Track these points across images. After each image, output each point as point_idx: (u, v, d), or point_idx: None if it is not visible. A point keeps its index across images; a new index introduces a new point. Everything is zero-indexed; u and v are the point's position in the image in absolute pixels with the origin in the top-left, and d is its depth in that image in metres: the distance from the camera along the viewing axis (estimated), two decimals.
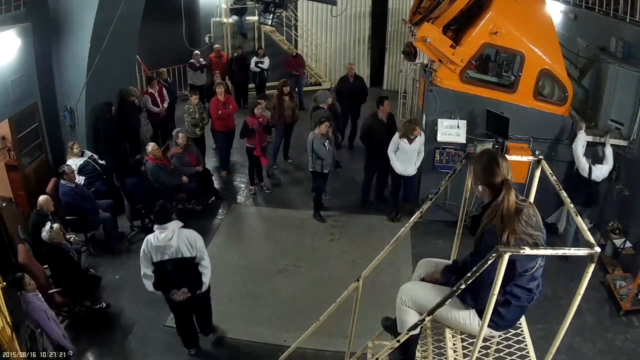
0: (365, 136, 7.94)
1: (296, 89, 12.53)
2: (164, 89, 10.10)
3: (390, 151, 7.36)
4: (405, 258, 6.92)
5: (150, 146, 7.70)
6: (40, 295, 4.92)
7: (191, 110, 8.86)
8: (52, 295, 5.56)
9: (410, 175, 7.47)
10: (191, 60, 11.73)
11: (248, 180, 8.86)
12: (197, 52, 11.75)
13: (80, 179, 7.21)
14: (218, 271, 6.00)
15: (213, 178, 8.94)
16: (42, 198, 6.28)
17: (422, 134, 7.32)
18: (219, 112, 8.80)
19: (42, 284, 5.52)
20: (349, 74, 10.23)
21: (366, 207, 8.33)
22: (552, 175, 2.92)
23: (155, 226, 4.77)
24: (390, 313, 4.26)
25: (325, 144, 7.37)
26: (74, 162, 7.28)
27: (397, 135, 7.29)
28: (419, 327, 2.87)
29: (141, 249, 4.76)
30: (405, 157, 7.30)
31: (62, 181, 6.81)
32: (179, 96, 11.74)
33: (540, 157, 3.11)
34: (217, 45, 12.34)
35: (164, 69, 11.29)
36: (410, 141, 7.18)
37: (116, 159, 8.20)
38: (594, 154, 6.60)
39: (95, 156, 7.78)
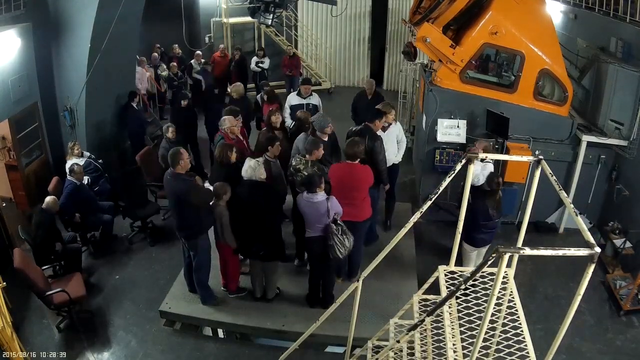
0: None
1: (291, 90, 12.54)
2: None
3: None
4: (409, 257, 6.80)
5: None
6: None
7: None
8: (50, 296, 5.55)
9: (392, 165, 6.84)
10: (191, 62, 11.73)
11: None
12: (198, 52, 11.76)
13: (85, 179, 7.21)
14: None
15: None
16: (50, 198, 6.31)
17: (398, 123, 7.05)
18: None
19: (41, 286, 5.52)
20: (368, 92, 8.68)
21: None
22: (552, 176, 2.92)
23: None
24: (390, 313, 4.28)
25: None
26: (78, 162, 7.26)
27: None
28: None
29: None
30: None
31: (69, 178, 6.78)
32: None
33: (540, 157, 3.11)
34: (222, 45, 12.39)
35: (174, 64, 11.28)
36: (384, 129, 6.71)
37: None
38: None
39: (94, 156, 7.79)
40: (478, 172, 5.93)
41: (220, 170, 5.96)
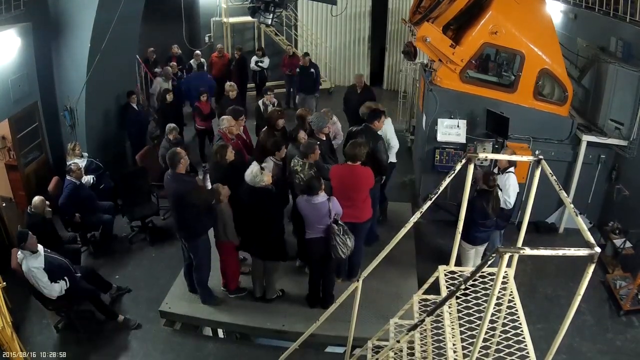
0: None
1: (291, 89, 12.54)
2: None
3: None
4: (409, 257, 6.80)
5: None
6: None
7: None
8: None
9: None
10: (190, 62, 11.72)
11: None
12: (198, 52, 11.76)
13: (88, 178, 7.20)
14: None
15: None
16: (37, 199, 6.13)
17: (389, 120, 7.00)
18: None
19: None
20: (358, 85, 9.11)
21: None
22: (552, 175, 2.92)
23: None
24: (390, 313, 4.28)
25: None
26: (79, 162, 7.24)
27: None
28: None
29: None
30: None
31: (69, 178, 6.73)
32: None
33: (541, 157, 3.11)
34: (219, 45, 12.36)
35: (174, 63, 11.27)
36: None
37: None
38: None
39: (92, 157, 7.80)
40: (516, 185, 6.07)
41: (218, 170, 5.96)
